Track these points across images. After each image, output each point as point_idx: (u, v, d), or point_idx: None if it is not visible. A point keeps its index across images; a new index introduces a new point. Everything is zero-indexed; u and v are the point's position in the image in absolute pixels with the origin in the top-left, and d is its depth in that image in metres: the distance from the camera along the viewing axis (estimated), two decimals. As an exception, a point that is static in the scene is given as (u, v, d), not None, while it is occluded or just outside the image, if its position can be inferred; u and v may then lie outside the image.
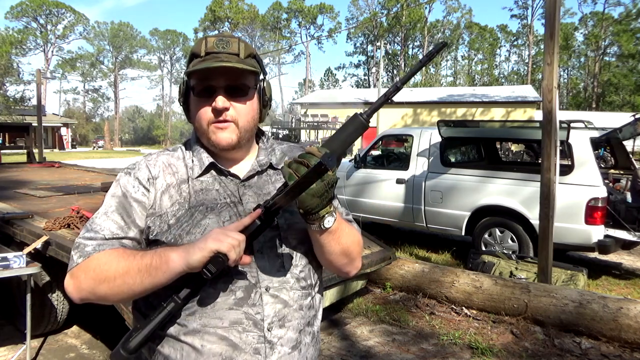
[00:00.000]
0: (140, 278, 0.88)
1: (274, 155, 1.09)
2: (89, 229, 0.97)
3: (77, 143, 48.76)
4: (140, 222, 0.98)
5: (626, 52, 43.94)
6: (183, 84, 1.01)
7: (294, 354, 0.98)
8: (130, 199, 0.98)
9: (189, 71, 0.96)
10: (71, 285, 0.93)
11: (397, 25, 56.75)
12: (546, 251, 4.18)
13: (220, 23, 61.88)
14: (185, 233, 0.95)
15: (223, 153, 1.02)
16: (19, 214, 3.53)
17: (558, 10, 4.11)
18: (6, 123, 18.58)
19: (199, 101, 0.98)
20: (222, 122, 0.97)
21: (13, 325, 3.60)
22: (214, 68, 0.93)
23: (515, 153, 15.86)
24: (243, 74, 0.98)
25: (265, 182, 1.05)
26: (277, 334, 0.95)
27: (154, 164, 1.02)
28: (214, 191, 1.00)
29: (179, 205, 0.98)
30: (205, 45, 0.96)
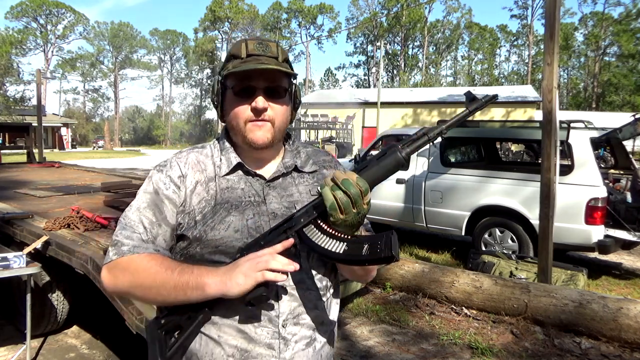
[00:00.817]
0: (175, 294, 0.92)
1: (299, 157, 1.12)
2: (124, 226, 1.01)
3: (77, 143, 48.76)
4: (172, 219, 1.02)
5: (626, 52, 43.95)
6: (218, 83, 1.05)
7: (308, 351, 1.01)
8: (162, 195, 1.02)
9: (232, 71, 0.99)
10: (108, 279, 0.99)
11: (397, 25, 56.75)
12: (546, 251, 4.18)
13: (220, 23, 61.91)
14: (210, 229, 0.99)
15: (254, 152, 1.06)
16: (19, 214, 3.53)
17: (558, 10, 4.11)
18: (6, 123, 18.59)
19: (238, 100, 1.02)
20: (260, 121, 1.01)
21: (13, 325, 3.60)
22: (258, 70, 0.97)
23: (515, 153, 15.86)
24: (280, 77, 1.02)
25: (289, 183, 1.08)
26: (292, 331, 0.99)
27: (185, 162, 1.06)
28: (239, 190, 1.04)
29: (205, 202, 1.02)
30: (246, 48, 1.00)
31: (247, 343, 0.96)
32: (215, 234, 0.98)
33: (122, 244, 0.99)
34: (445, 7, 58.12)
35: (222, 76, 1.04)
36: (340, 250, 0.89)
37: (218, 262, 0.97)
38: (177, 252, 1.04)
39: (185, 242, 1.01)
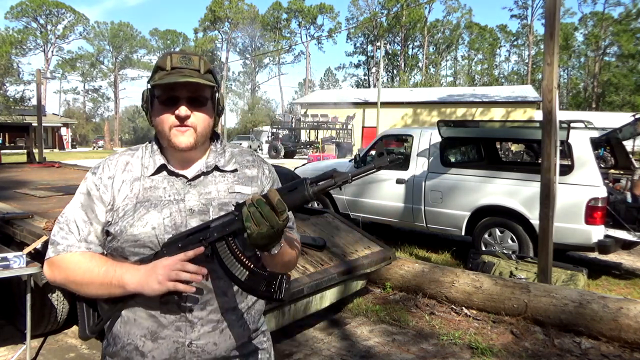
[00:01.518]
0: (102, 290, 1.08)
1: (223, 157, 1.22)
2: (61, 226, 1.15)
3: (77, 143, 48.75)
4: (102, 217, 1.14)
5: (626, 52, 43.97)
6: (147, 91, 1.16)
7: (215, 333, 1.12)
8: (93, 196, 1.15)
9: (157, 83, 1.09)
10: (48, 274, 1.15)
11: (397, 25, 56.75)
12: (546, 251, 4.18)
13: (220, 23, 61.90)
14: (129, 225, 1.11)
15: (179, 153, 1.16)
16: (19, 214, 3.52)
17: (558, 10, 4.11)
18: (6, 123, 18.58)
19: (163, 109, 1.12)
20: (183, 127, 1.11)
21: (13, 325, 3.60)
22: (179, 83, 1.08)
23: (515, 153, 15.87)
24: (202, 87, 1.12)
25: (209, 182, 1.18)
26: (198, 315, 1.10)
27: (115, 164, 1.18)
28: (161, 189, 1.15)
29: (128, 200, 1.13)
30: (170, 61, 1.10)
31: (157, 326, 1.10)
32: (134, 230, 1.10)
33: (58, 243, 1.12)
34: (445, 7, 58.13)
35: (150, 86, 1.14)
36: (242, 277, 1.02)
37: (138, 254, 1.10)
38: (105, 245, 1.16)
39: (110, 237, 1.14)
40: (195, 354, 1.11)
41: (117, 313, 1.13)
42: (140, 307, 1.10)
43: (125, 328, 1.12)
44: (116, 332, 1.14)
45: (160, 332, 1.10)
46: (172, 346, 1.10)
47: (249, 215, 0.97)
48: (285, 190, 1.01)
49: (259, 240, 0.99)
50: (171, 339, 1.10)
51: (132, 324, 1.11)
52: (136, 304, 1.10)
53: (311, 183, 1.02)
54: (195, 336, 1.10)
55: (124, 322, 1.12)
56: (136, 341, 1.11)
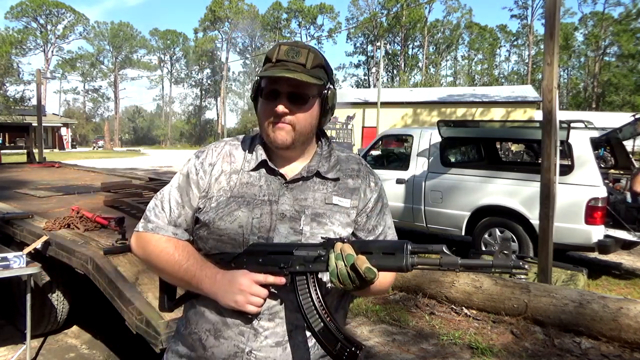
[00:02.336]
0: (178, 282, 1.12)
1: (328, 162, 1.14)
2: (156, 203, 1.16)
3: (77, 143, 48.75)
4: (194, 202, 1.12)
5: (626, 52, 43.98)
6: (256, 83, 1.11)
7: (277, 350, 1.05)
8: (191, 180, 1.13)
9: (261, 74, 1.06)
10: (134, 245, 1.16)
11: (397, 25, 56.75)
12: (546, 251, 4.18)
13: (220, 23, 61.90)
14: (218, 218, 1.08)
15: (278, 151, 1.11)
16: (19, 214, 3.52)
17: (558, 10, 4.11)
18: (6, 123, 18.58)
19: (265, 102, 1.08)
20: (280, 123, 1.06)
21: (13, 325, 3.60)
22: (281, 77, 1.02)
23: (515, 153, 15.86)
24: (305, 84, 1.04)
25: (307, 187, 1.11)
26: (264, 325, 1.05)
27: (219, 152, 1.16)
28: (257, 187, 1.10)
29: (223, 192, 1.10)
30: (277, 52, 1.04)
31: (222, 324, 1.07)
32: (221, 224, 1.07)
33: (149, 220, 1.13)
34: (445, 7, 58.18)
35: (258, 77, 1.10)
36: (316, 327, 0.96)
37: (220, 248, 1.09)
38: (194, 231, 1.14)
39: (198, 224, 1.12)
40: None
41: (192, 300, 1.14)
42: (212, 302, 1.07)
43: (195, 317, 1.12)
44: (188, 317, 1.15)
45: (224, 332, 1.06)
46: (232, 349, 1.05)
47: (334, 269, 0.93)
48: (380, 252, 0.94)
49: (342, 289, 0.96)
50: (232, 341, 1.06)
51: (201, 316, 1.10)
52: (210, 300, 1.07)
53: (412, 252, 0.93)
54: (256, 346, 1.05)
55: (195, 312, 1.12)
56: (201, 333, 1.10)
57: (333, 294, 1.11)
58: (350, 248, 0.94)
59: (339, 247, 0.94)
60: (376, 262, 0.92)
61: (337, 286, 0.94)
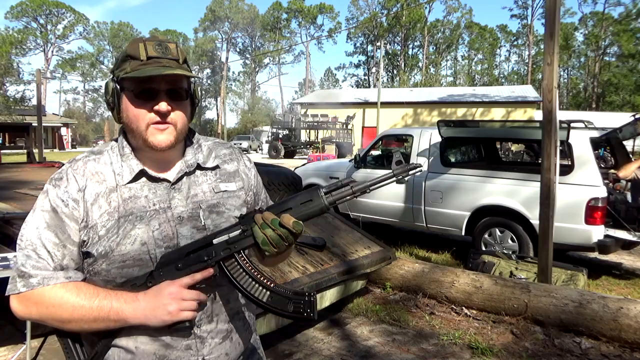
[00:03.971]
0: (95, 325, 0.95)
1: (201, 152, 1.11)
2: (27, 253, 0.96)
3: (77, 143, 48.71)
4: (75, 237, 0.98)
5: (626, 52, 43.97)
6: (114, 83, 1.00)
7: (225, 344, 1.06)
8: (62, 214, 0.97)
9: (132, 75, 0.95)
10: (20, 310, 0.97)
11: (397, 25, 56.76)
12: (546, 251, 4.18)
13: (220, 23, 61.89)
14: (115, 245, 0.97)
15: (156, 154, 1.02)
16: (19, 214, 3.52)
17: (558, 10, 4.11)
18: (6, 123, 18.57)
19: (138, 103, 0.98)
20: (163, 124, 0.98)
21: (13, 325, 3.60)
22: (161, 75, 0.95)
23: (515, 153, 15.86)
24: (181, 79, 1.00)
25: (193, 182, 1.07)
26: (207, 329, 1.02)
27: (82, 174, 1.01)
28: (143, 198, 1.01)
29: (108, 216, 0.98)
30: (145, 50, 0.96)
31: (165, 349, 0.99)
32: (122, 249, 0.96)
33: (30, 276, 0.95)
34: (445, 7, 58.17)
35: (118, 77, 0.99)
36: (264, 298, 0.95)
37: (126, 275, 0.98)
38: (85, 268, 1.00)
39: (91, 259, 0.98)
40: None
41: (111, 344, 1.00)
42: (141, 334, 0.98)
43: (128, 356, 0.99)
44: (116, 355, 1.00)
45: (170, 355, 0.99)
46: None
47: (265, 238, 0.92)
48: (299, 202, 0.96)
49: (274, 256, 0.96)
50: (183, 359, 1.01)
51: (135, 354, 0.99)
52: (135, 331, 0.98)
53: (326, 193, 0.96)
54: (207, 351, 1.03)
55: (126, 353, 0.99)
56: None
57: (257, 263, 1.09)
58: (270, 214, 0.94)
59: (260, 218, 0.94)
60: (298, 213, 0.95)
61: (271, 252, 0.94)
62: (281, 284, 0.99)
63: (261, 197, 1.22)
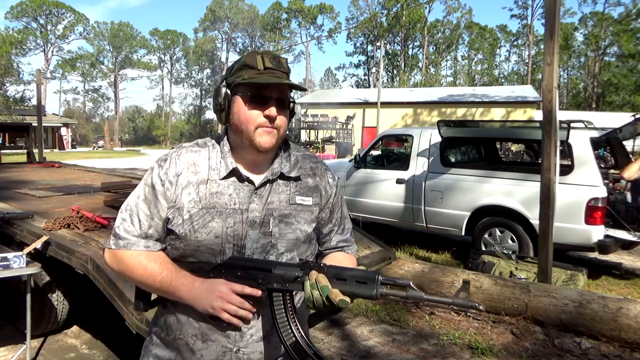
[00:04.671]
0: (156, 292, 1.16)
1: (289, 161, 1.21)
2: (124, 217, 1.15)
3: (77, 143, 48.74)
4: (163, 213, 1.13)
5: (626, 52, 43.95)
6: (227, 88, 1.13)
7: (262, 343, 1.15)
8: (158, 191, 1.14)
9: (250, 81, 1.09)
10: (109, 262, 1.18)
11: (397, 25, 56.73)
12: (546, 251, 4.18)
13: (220, 23, 61.89)
14: (193, 231, 1.11)
15: (255, 155, 1.15)
16: (19, 214, 3.52)
17: (558, 10, 4.11)
18: (6, 123, 18.59)
19: (252, 106, 1.10)
20: (270, 127, 1.11)
21: (13, 325, 3.60)
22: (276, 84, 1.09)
23: (515, 153, 15.86)
24: (287, 90, 1.14)
25: (273, 190, 1.16)
26: (248, 325, 1.11)
27: (182, 161, 1.15)
28: (227, 196, 1.13)
29: (194, 203, 1.12)
30: (262, 61, 1.10)
31: (208, 328, 1.13)
32: (198, 237, 1.11)
33: (120, 237, 1.14)
34: (445, 7, 58.12)
35: (232, 83, 1.12)
36: (288, 341, 1.05)
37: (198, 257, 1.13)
38: (167, 241, 1.17)
39: (174, 236, 1.14)
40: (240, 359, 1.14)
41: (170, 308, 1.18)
42: (194, 310, 1.12)
43: (178, 324, 1.16)
44: (169, 324, 1.18)
45: (211, 335, 1.13)
46: (220, 349, 1.13)
47: (310, 296, 0.99)
48: (354, 281, 1.00)
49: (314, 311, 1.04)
50: (220, 343, 1.13)
51: (185, 323, 1.15)
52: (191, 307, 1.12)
53: (382, 283, 0.99)
54: (243, 344, 1.14)
55: (177, 319, 1.17)
56: (187, 338, 1.15)
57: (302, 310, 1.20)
58: (324, 279, 1.00)
59: (313, 277, 1.00)
60: (349, 289, 0.99)
61: (311, 309, 1.02)
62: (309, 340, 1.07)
63: (335, 216, 1.27)
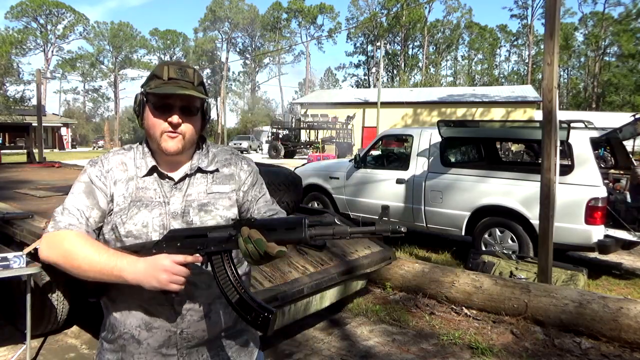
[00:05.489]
0: (98, 276, 1.12)
1: (207, 157, 1.32)
2: (62, 209, 1.21)
3: (77, 143, 48.74)
4: (103, 204, 1.22)
5: (626, 52, 43.96)
6: (141, 96, 1.24)
7: (202, 322, 1.23)
8: (95, 185, 1.23)
9: (154, 91, 1.18)
10: (45, 250, 1.17)
11: (397, 25, 56.75)
12: (546, 251, 4.18)
13: (220, 23, 61.88)
14: (122, 222, 1.21)
15: (168, 157, 1.25)
16: (19, 214, 3.52)
17: (558, 10, 4.11)
18: (6, 123, 18.57)
19: (157, 114, 1.21)
20: (173, 133, 1.21)
21: (13, 325, 3.60)
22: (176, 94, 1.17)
23: (515, 153, 15.86)
24: (194, 99, 1.22)
25: (192, 183, 1.27)
26: (187, 307, 1.21)
27: (112, 160, 1.27)
28: (152, 190, 1.25)
29: (123, 198, 1.23)
30: (167, 72, 1.19)
31: (150, 317, 1.21)
32: (127, 227, 1.20)
33: (59, 221, 1.18)
34: (445, 7, 58.14)
35: (144, 92, 1.23)
36: (233, 299, 1.10)
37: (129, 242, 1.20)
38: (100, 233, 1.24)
39: (107, 227, 1.22)
40: (185, 340, 1.22)
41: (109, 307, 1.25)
42: (134, 301, 1.20)
43: (121, 319, 1.23)
44: (112, 323, 1.25)
45: (154, 323, 1.21)
46: (165, 334, 1.21)
47: (246, 251, 1.04)
48: (283, 227, 1.06)
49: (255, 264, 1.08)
50: (164, 328, 1.21)
51: (127, 316, 1.22)
52: (130, 298, 1.20)
53: (310, 225, 1.04)
54: (185, 325, 1.22)
55: (119, 315, 1.23)
56: (132, 330, 1.22)
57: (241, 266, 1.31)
58: (256, 232, 1.04)
59: (245, 232, 1.05)
60: (280, 237, 1.05)
61: (251, 263, 1.07)
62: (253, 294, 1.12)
63: (253, 192, 1.35)
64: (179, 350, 1.23)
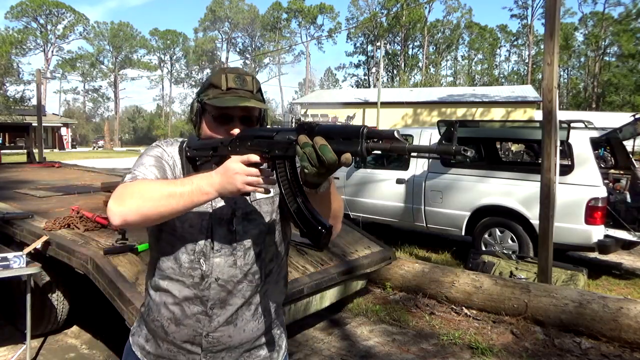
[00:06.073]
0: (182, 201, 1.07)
1: None
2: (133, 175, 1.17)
3: (77, 143, 48.73)
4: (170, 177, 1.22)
5: (626, 52, 43.92)
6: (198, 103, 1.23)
7: (229, 327, 1.25)
8: (163, 161, 1.23)
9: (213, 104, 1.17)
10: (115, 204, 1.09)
11: (397, 25, 56.72)
12: (546, 251, 4.18)
13: (220, 23, 61.89)
14: None
15: None
16: (19, 214, 3.53)
17: (558, 10, 4.11)
18: (6, 123, 18.59)
19: (216, 125, 1.21)
20: None
21: (13, 325, 3.60)
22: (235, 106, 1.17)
23: (515, 153, 15.85)
24: (254, 108, 1.22)
25: None
26: (217, 312, 1.24)
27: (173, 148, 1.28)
28: None
29: None
30: (226, 81, 1.18)
31: (181, 314, 1.24)
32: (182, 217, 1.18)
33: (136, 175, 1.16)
34: (445, 7, 58.10)
35: (201, 101, 1.21)
36: (293, 207, 1.06)
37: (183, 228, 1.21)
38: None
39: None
40: (210, 343, 1.24)
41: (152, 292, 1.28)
42: (170, 296, 1.24)
43: (157, 307, 1.27)
44: (150, 305, 1.29)
45: (183, 320, 1.23)
46: (192, 333, 1.24)
47: (303, 155, 0.96)
48: (340, 137, 0.98)
49: (310, 178, 1.01)
50: (191, 327, 1.23)
51: (162, 306, 1.26)
52: (168, 292, 1.24)
53: (367, 137, 0.95)
54: (212, 329, 1.24)
55: (156, 303, 1.27)
56: (162, 321, 1.25)
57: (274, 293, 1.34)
58: (321, 139, 0.97)
59: (302, 140, 0.98)
60: (336, 147, 0.97)
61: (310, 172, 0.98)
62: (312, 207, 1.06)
63: None
64: (203, 351, 1.25)
